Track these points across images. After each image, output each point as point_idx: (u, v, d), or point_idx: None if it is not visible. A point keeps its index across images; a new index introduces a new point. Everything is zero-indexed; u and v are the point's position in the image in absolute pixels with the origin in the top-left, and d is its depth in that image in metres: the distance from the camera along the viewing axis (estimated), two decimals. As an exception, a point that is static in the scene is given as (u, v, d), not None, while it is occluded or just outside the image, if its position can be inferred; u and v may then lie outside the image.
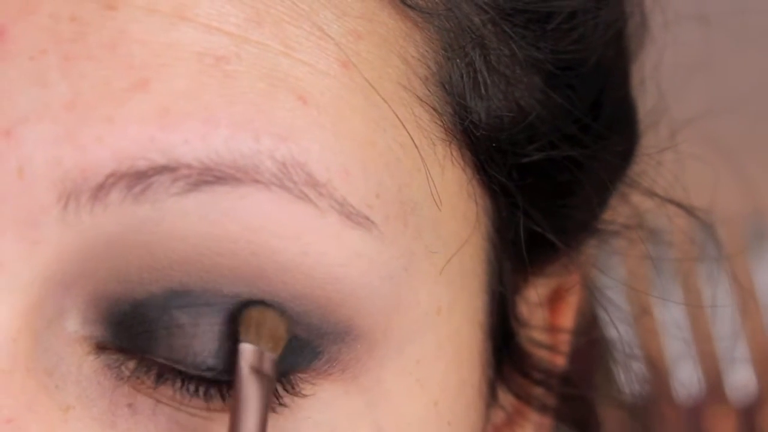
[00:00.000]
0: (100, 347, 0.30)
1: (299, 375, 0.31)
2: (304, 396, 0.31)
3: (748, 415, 0.85)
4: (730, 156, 0.47)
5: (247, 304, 0.30)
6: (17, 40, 0.28)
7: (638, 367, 0.47)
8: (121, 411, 0.30)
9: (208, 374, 0.30)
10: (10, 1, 0.29)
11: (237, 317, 0.30)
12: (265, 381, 0.29)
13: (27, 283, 0.29)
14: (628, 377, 0.45)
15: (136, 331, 0.30)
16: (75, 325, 0.30)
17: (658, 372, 0.53)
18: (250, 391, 0.29)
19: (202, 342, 0.30)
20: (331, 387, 0.31)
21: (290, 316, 0.30)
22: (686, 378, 0.78)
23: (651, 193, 0.42)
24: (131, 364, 0.30)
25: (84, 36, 0.29)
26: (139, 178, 0.28)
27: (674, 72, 0.43)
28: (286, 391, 0.30)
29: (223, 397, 0.30)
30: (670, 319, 0.53)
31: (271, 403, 0.30)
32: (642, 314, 0.48)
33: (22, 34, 0.28)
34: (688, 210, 0.43)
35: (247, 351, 0.29)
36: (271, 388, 0.29)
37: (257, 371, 0.29)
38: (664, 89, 0.42)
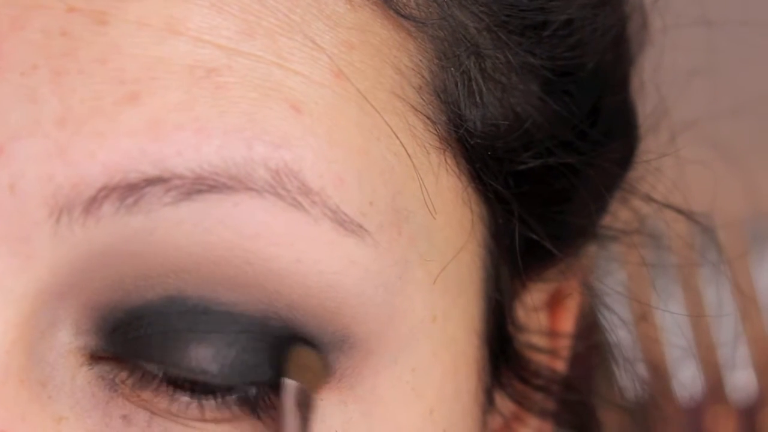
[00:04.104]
0: (94, 358, 0.30)
1: None
2: None
3: (748, 415, 0.85)
4: (731, 159, 0.47)
5: (290, 341, 0.30)
6: (8, 55, 0.28)
7: (639, 368, 0.47)
8: (116, 423, 0.30)
9: (202, 377, 0.30)
10: (0, 18, 0.29)
11: (281, 354, 0.30)
12: (308, 415, 0.30)
13: (20, 297, 0.29)
14: (629, 378, 0.45)
15: (131, 337, 0.30)
16: (68, 336, 0.30)
17: (658, 373, 0.53)
18: (295, 423, 0.30)
19: (198, 348, 0.30)
20: (328, 396, 0.31)
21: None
22: (687, 379, 0.78)
23: (650, 199, 0.42)
24: (124, 375, 0.30)
25: (75, 51, 0.29)
26: (131, 190, 0.28)
27: (674, 75, 0.43)
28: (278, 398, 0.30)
29: (217, 406, 0.30)
30: (671, 320, 0.53)
31: (259, 408, 0.31)
32: (643, 315, 0.48)
33: (14, 49, 0.29)
34: (687, 214, 0.43)
35: (291, 387, 0.30)
36: (310, 422, 0.30)
37: (300, 406, 0.30)
38: (663, 93, 0.42)
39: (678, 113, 0.43)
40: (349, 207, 0.30)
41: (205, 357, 0.30)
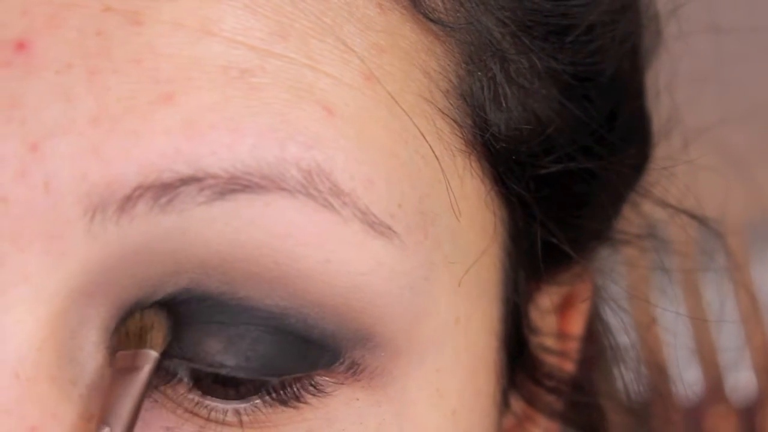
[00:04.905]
0: None
1: (323, 377, 0.31)
2: (328, 394, 0.31)
3: (748, 415, 0.86)
4: (733, 162, 0.47)
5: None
6: (43, 54, 0.28)
7: (639, 367, 0.47)
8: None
9: (222, 371, 0.30)
10: (35, 16, 0.29)
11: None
12: (137, 373, 0.29)
13: (52, 294, 0.29)
14: (629, 378, 0.46)
15: None
16: (97, 336, 0.30)
17: (659, 373, 0.53)
18: (117, 388, 0.29)
19: (211, 339, 0.30)
20: (364, 396, 0.31)
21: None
22: (687, 378, 0.79)
23: (662, 203, 0.42)
24: (160, 384, 0.30)
25: (109, 50, 0.29)
26: (165, 190, 0.29)
27: (688, 82, 0.43)
28: (308, 391, 0.31)
29: (251, 408, 0.30)
30: (673, 320, 0.54)
31: (291, 402, 0.31)
32: (653, 318, 0.48)
33: (48, 48, 0.29)
34: (696, 218, 0.43)
35: (115, 357, 0.30)
36: (147, 377, 0.30)
37: (128, 369, 0.29)
38: (677, 100, 0.42)
39: (688, 119, 0.43)
40: (379, 209, 0.30)
41: (217, 349, 0.30)
